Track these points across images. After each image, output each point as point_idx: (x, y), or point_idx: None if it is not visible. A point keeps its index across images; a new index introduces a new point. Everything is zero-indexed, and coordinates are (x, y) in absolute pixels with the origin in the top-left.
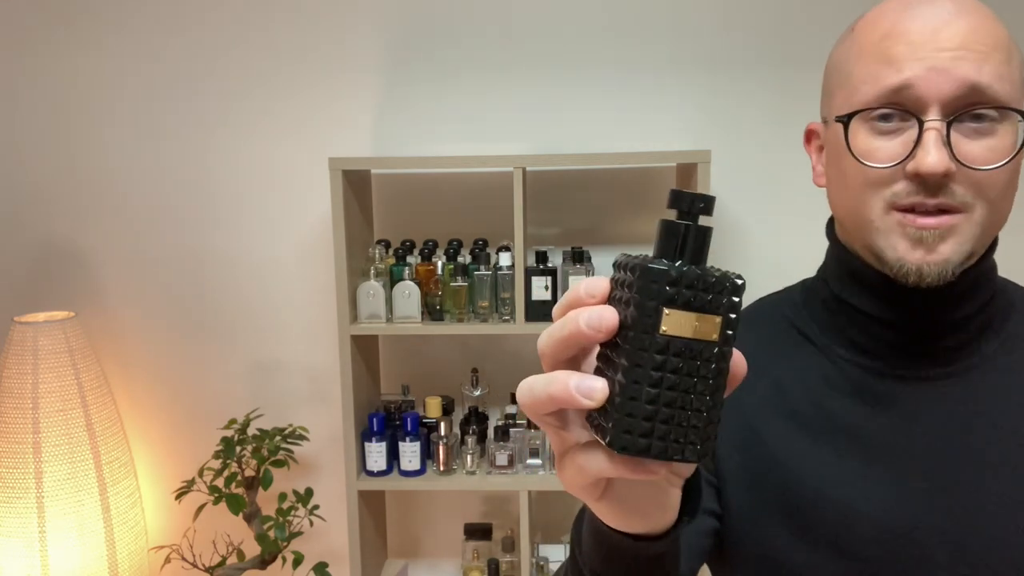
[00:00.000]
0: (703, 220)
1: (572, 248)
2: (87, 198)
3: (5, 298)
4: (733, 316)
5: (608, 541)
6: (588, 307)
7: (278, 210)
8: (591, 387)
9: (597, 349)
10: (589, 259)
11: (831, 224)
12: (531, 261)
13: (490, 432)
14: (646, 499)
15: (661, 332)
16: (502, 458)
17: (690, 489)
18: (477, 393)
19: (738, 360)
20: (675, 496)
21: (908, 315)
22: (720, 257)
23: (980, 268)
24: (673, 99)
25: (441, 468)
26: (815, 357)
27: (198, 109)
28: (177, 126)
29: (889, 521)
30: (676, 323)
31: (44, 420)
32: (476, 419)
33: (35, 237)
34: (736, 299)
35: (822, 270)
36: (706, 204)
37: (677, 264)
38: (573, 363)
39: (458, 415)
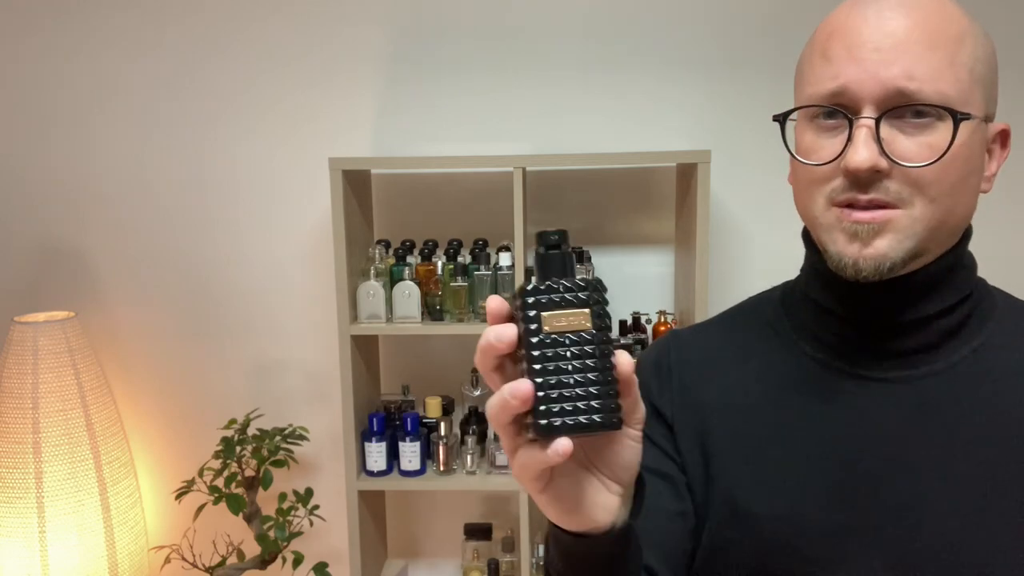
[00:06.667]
0: (569, 245)
1: (572, 248)
2: (87, 198)
3: (5, 298)
4: (598, 305)
5: (561, 542)
6: (494, 326)
7: (278, 210)
8: (515, 388)
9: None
10: (589, 259)
11: None
12: (531, 261)
13: (490, 432)
14: (582, 494)
15: (545, 332)
16: (502, 458)
17: (637, 493)
18: (477, 393)
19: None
20: (610, 498)
21: (864, 310)
22: (721, 257)
23: (938, 267)
24: (673, 99)
25: (441, 468)
26: (780, 353)
27: (198, 109)
28: (177, 126)
29: (824, 520)
30: (553, 322)
31: (44, 420)
32: (476, 419)
33: (35, 237)
34: (597, 293)
35: (801, 268)
36: (560, 236)
37: (546, 282)
38: (502, 372)
39: (458, 415)
